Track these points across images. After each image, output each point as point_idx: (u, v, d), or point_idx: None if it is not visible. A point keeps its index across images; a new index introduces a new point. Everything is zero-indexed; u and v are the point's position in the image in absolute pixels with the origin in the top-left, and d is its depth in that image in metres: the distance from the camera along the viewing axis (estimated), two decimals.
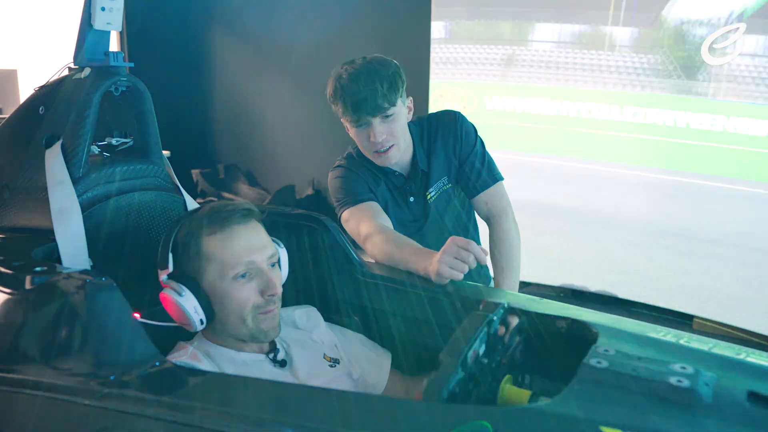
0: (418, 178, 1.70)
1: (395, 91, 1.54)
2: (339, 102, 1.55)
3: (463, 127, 1.69)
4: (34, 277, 1.03)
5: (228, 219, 1.14)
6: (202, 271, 1.13)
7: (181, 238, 1.15)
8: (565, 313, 1.14)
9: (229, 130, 5.34)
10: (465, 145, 1.68)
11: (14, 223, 1.30)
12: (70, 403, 0.88)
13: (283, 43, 4.83)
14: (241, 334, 1.16)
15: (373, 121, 1.54)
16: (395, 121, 1.57)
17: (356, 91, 1.51)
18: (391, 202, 1.73)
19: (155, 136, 1.45)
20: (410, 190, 1.71)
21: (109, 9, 1.31)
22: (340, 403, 0.84)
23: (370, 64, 1.55)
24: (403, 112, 1.60)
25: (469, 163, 1.68)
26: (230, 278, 1.12)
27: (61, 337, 0.96)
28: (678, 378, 0.78)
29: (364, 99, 1.51)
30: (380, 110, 1.53)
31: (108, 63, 1.34)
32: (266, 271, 1.15)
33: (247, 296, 1.13)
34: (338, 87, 1.54)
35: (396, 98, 1.55)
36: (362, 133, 1.57)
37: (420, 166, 1.69)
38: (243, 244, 1.14)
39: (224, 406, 0.83)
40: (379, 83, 1.51)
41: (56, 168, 1.26)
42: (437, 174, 1.70)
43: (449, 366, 0.85)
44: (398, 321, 1.39)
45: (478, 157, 1.69)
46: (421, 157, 1.69)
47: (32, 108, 1.36)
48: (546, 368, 1.13)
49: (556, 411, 0.76)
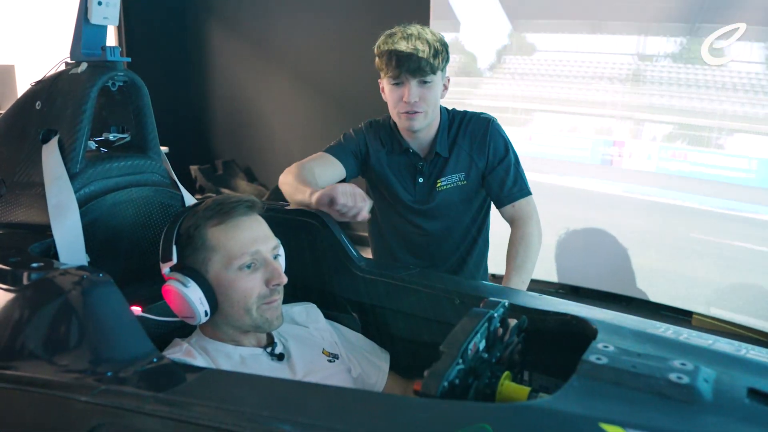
0: (433, 161, 1.73)
1: (439, 61, 1.60)
2: (384, 54, 1.61)
3: (493, 136, 1.71)
4: (30, 273, 1.02)
5: (233, 210, 1.15)
6: (206, 262, 1.14)
7: (185, 230, 1.15)
8: (564, 310, 1.14)
9: (227, 126, 5.34)
10: (492, 155, 1.70)
11: (11, 219, 1.29)
12: (67, 400, 0.88)
13: (282, 38, 4.82)
14: (244, 325, 1.16)
15: (411, 81, 1.59)
16: (431, 89, 1.62)
17: (403, 49, 1.58)
18: (398, 176, 1.76)
19: (153, 131, 1.44)
20: (422, 171, 1.74)
21: (106, 3, 1.30)
22: (338, 400, 0.84)
23: (424, 30, 1.61)
24: (439, 85, 1.65)
25: (496, 174, 1.70)
26: (235, 268, 1.13)
27: (58, 334, 0.96)
28: (678, 374, 0.78)
29: (408, 56, 1.57)
30: (420, 72, 1.58)
31: (105, 58, 1.33)
32: (271, 261, 1.16)
33: (252, 286, 1.14)
34: (388, 40, 1.61)
35: (437, 67, 1.60)
36: (397, 91, 1.62)
37: (439, 150, 1.71)
38: (248, 235, 1.15)
39: (221, 402, 0.82)
40: (427, 47, 1.58)
41: (53, 163, 1.25)
42: (455, 167, 1.72)
43: (449, 357, 0.85)
44: (397, 318, 1.39)
45: (506, 170, 1.70)
46: (443, 143, 1.72)
47: (29, 103, 1.35)
48: (545, 365, 1.12)
49: (555, 408, 0.75)
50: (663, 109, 3.12)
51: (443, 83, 1.68)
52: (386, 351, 1.38)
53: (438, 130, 1.71)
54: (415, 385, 0.82)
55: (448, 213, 1.76)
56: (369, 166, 1.79)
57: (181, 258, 1.15)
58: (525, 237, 1.64)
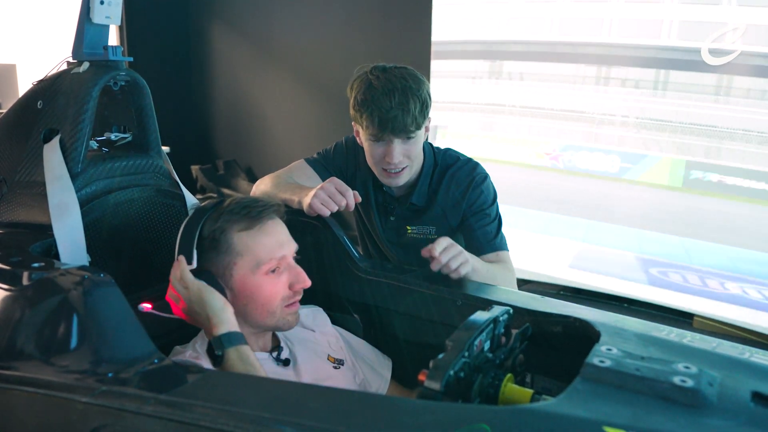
0: (407, 207, 1.62)
1: (424, 115, 1.47)
2: (364, 112, 1.45)
3: (476, 191, 1.56)
4: (31, 273, 1.02)
5: (261, 215, 1.16)
6: (231, 266, 1.14)
7: (209, 233, 1.15)
8: (567, 312, 1.13)
9: (228, 125, 5.34)
10: (467, 207, 1.57)
11: (12, 219, 1.29)
12: (68, 401, 0.87)
13: (284, 38, 4.82)
14: (265, 326, 1.18)
15: (395, 140, 1.45)
16: (415, 143, 1.49)
17: (387, 108, 1.41)
18: (377, 211, 1.67)
19: (154, 131, 1.44)
20: (393, 212, 1.64)
21: (108, 3, 1.30)
22: (339, 402, 0.84)
23: (405, 80, 1.44)
24: (422, 135, 1.52)
25: (478, 224, 1.55)
26: (262, 273, 1.14)
27: (59, 334, 0.95)
28: (682, 378, 0.78)
29: (393, 117, 1.42)
30: (406, 132, 1.44)
31: (107, 57, 1.33)
32: (295, 265, 1.19)
33: (278, 290, 1.16)
34: (368, 96, 1.44)
35: (423, 122, 1.47)
36: (378, 149, 1.49)
37: (414, 200, 1.59)
38: (274, 240, 1.17)
39: (223, 404, 0.82)
40: (413, 104, 1.42)
41: (54, 163, 1.25)
42: (427, 219, 1.60)
43: (456, 349, 0.85)
44: (399, 319, 1.39)
45: (490, 222, 1.56)
46: (421, 193, 1.59)
47: (30, 102, 1.35)
48: (548, 367, 1.12)
49: (558, 411, 0.75)
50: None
51: (426, 126, 1.52)
52: (388, 358, 1.38)
53: (419, 177, 1.58)
54: (421, 375, 0.82)
55: (416, 257, 1.65)
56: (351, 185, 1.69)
57: (203, 260, 1.15)
58: (493, 267, 1.48)
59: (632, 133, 3.31)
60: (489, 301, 1.21)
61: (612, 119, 3.36)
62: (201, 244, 1.15)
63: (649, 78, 3.25)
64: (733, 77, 2.90)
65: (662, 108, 3.19)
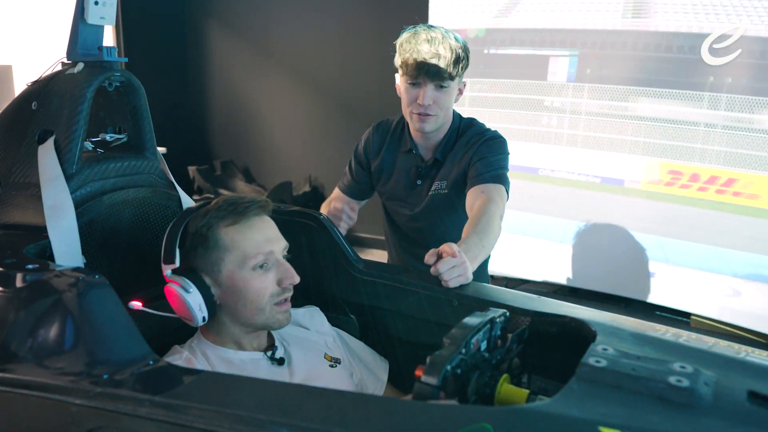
0: (433, 165, 1.73)
1: (459, 68, 1.59)
2: (405, 54, 1.59)
3: (484, 144, 1.65)
4: (25, 275, 1.02)
5: (247, 210, 1.16)
6: (219, 262, 1.14)
7: (197, 230, 1.15)
8: (563, 311, 1.13)
9: (225, 126, 5.34)
10: (474, 155, 1.64)
11: (6, 220, 1.29)
12: (62, 403, 0.87)
13: (280, 37, 4.82)
14: (255, 324, 1.17)
15: (428, 84, 1.58)
16: (446, 93, 1.61)
17: (425, 51, 1.56)
18: (399, 175, 1.78)
19: (150, 132, 1.43)
20: (421, 174, 1.75)
21: (103, 3, 1.30)
22: (335, 403, 0.83)
23: (447, 34, 1.59)
24: (455, 90, 1.64)
25: (473, 166, 1.63)
26: (249, 268, 1.14)
27: (53, 336, 0.95)
28: (677, 377, 0.78)
29: (429, 61, 1.55)
30: (439, 77, 1.57)
31: (102, 58, 1.33)
32: (283, 261, 1.18)
33: (265, 286, 1.15)
34: (411, 40, 1.58)
35: (456, 74, 1.59)
36: (412, 92, 1.61)
37: (438, 155, 1.72)
38: (262, 235, 1.17)
39: (218, 405, 0.82)
40: (449, 54, 1.56)
41: (49, 164, 1.25)
42: (443, 174, 1.71)
43: (453, 345, 0.85)
44: (395, 319, 1.39)
45: (483, 159, 1.62)
46: (444, 149, 1.71)
47: (25, 103, 1.35)
48: (544, 367, 1.12)
49: (554, 411, 0.75)
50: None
51: (459, 88, 1.67)
52: (386, 360, 1.38)
53: (445, 136, 1.71)
54: (417, 371, 0.82)
55: (435, 218, 1.75)
56: (372, 171, 1.83)
57: (191, 258, 1.16)
58: (487, 214, 1.46)
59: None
60: (486, 302, 1.21)
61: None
62: (189, 241, 1.16)
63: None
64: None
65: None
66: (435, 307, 1.30)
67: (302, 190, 4.78)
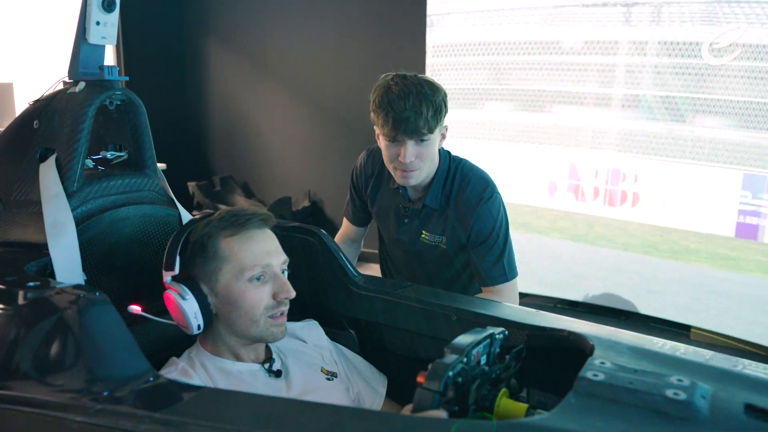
0: (421, 210, 1.68)
1: (438, 120, 1.53)
2: (381, 113, 1.54)
3: (481, 216, 1.61)
4: (26, 292, 1.02)
5: (248, 222, 1.18)
6: (217, 272, 1.15)
7: (196, 239, 1.17)
8: (561, 325, 1.13)
9: (224, 142, 5.36)
10: (475, 236, 1.61)
11: (7, 237, 1.29)
12: (62, 420, 0.87)
13: (279, 54, 4.86)
14: (250, 336, 1.18)
15: (408, 141, 1.53)
16: (428, 147, 1.56)
17: (401, 109, 1.49)
18: (387, 210, 1.75)
19: (150, 149, 1.45)
20: (407, 214, 1.71)
21: (104, 23, 1.32)
22: (334, 418, 0.84)
23: (421, 87, 1.53)
24: (437, 139, 1.59)
25: (479, 255, 1.61)
26: (246, 279, 1.15)
27: (54, 353, 0.95)
28: (675, 391, 0.78)
29: (406, 119, 1.49)
30: (418, 134, 1.52)
31: (103, 77, 1.34)
32: (280, 275, 1.19)
33: (261, 298, 1.16)
34: (385, 98, 1.53)
35: (436, 126, 1.54)
36: (392, 149, 1.56)
37: (428, 202, 1.65)
38: (261, 248, 1.17)
39: (218, 421, 0.82)
40: (425, 107, 1.50)
41: (50, 182, 1.26)
42: (439, 228, 1.66)
43: (454, 353, 0.86)
44: (393, 334, 1.39)
45: (490, 252, 1.61)
46: (435, 196, 1.65)
47: (26, 122, 1.36)
48: (542, 381, 1.12)
49: (552, 425, 0.75)
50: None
51: (442, 133, 1.61)
52: (384, 375, 1.38)
53: (433, 181, 1.65)
54: (419, 377, 0.82)
55: (431, 262, 1.72)
56: (366, 198, 1.82)
57: (190, 266, 1.17)
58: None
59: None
60: (484, 317, 1.22)
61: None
62: (189, 250, 1.17)
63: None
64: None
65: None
66: (433, 323, 1.31)
67: (301, 205, 4.79)
